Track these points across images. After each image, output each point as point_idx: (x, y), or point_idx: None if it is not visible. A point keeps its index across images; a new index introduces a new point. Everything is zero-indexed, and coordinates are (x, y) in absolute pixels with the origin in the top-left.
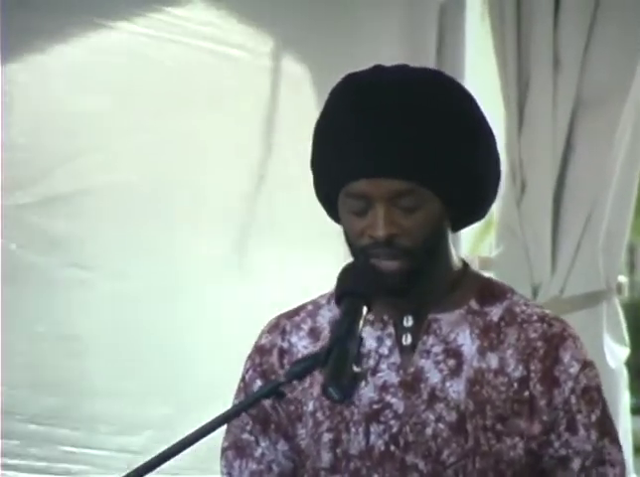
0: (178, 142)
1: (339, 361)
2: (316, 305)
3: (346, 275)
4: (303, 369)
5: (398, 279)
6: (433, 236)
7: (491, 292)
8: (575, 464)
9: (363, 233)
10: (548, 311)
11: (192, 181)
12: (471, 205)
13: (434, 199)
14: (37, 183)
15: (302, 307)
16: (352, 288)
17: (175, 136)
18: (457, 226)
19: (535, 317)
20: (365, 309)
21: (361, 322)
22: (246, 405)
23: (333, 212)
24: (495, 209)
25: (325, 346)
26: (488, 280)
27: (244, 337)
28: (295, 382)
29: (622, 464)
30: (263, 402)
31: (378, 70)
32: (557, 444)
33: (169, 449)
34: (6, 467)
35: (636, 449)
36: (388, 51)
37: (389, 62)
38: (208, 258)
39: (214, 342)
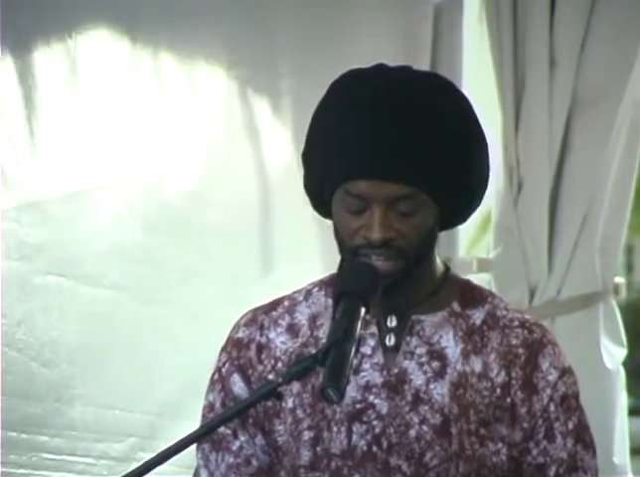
0: (157, 144)
1: (337, 362)
2: (293, 301)
3: (346, 275)
4: (302, 369)
5: (391, 279)
6: (427, 239)
7: (472, 295)
8: (552, 472)
9: (357, 232)
10: (527, 316)
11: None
12: (464, 211)
13: (431, 204)
14: (12, 190)
15: (278, 302)
16: (352, 288)
17: (153, 138)
18: (441, 228)
19: (516, 322)
20: (363, 310)
21: (359, 323)
22: (244, 407)
23: (321, 206)
24: (492, 209)
25: (323, 346)
26: (468, 283)
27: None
28: (272, 377)
29: (595, 470)
30: (241, 396)
31: (383, 68)
32: (535, 452)
33: (167, 450)
34: None
35: (633, 450)
36: (381, 51)
37: (383, 61)
38: (184, 265)
39: (192, 347)
